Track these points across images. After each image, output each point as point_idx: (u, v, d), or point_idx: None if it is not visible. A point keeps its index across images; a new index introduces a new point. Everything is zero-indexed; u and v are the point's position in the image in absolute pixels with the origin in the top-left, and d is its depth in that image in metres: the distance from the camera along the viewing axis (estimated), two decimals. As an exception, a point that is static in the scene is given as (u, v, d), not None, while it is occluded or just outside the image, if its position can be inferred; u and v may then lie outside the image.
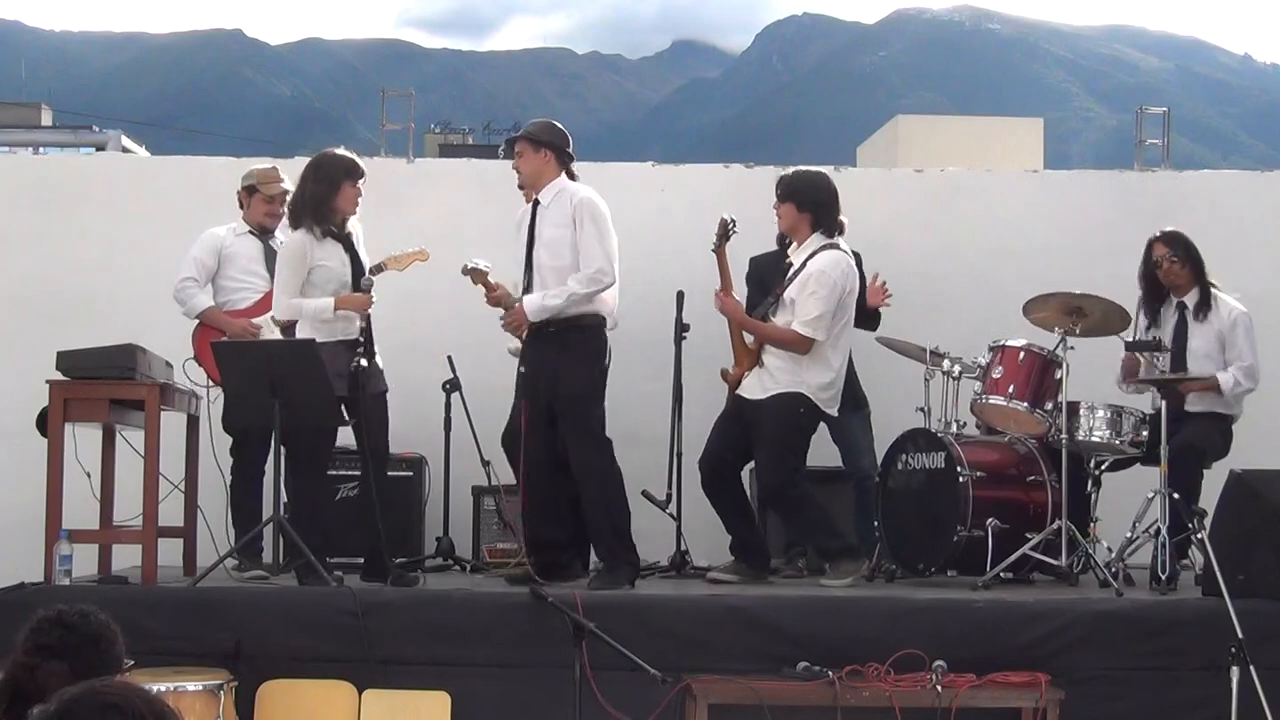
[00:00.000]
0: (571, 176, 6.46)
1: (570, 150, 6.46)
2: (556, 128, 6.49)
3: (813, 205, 6.59)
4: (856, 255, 7.30)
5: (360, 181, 6.31)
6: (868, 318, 7.25)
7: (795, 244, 6.65)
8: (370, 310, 6.25)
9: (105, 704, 2.38)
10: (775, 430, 6.46)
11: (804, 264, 6.51)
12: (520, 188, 6.47)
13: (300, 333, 6.32)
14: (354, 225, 6.38)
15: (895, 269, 7.69)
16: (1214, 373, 6.72)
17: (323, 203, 6.25)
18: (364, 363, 6.14)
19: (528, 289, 6.35)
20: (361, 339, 6.21)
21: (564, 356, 6.28)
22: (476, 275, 6.65)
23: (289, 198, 6.58)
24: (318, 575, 5.93)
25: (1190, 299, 6.88)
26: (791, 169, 6.83)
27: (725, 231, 6.57)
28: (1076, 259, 7.95)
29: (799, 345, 6.44)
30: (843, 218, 6.65)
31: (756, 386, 6.52)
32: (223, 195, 7.29)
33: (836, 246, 6.56)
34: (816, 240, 6.56)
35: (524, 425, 6.36)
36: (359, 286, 6.23)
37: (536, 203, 6.39)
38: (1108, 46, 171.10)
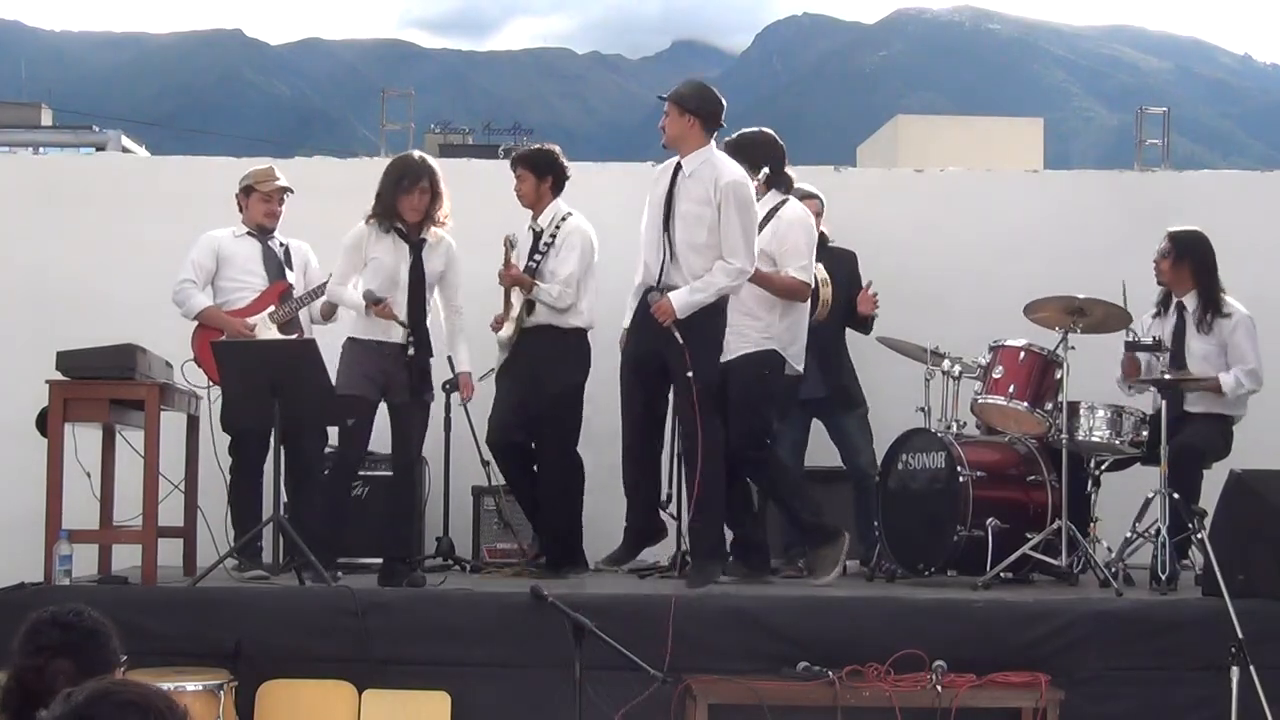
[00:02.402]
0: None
1: (721, 119, 6.29)
2: (708, 92, 6.28)
3: (764, 161, 6.57)
4: (853, 255, 7.33)
5: (414, 189, 6.28)
6: (859, 322, 7.25)
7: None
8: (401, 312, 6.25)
9: (124, 702, 2.40)
10: (743, 394, 6.41)
11: (767, 217, 6.49)
12: (664, 146, 6.32)
13: (356, 326, 6.39)
14: (442, 233, 6.43)
15: (895, 269, 7.70)
16: (1215, 374, 6.72)
17: (386, 201, 6.31)
18: (410, 351, 6.22)
19: (669, 258, 6.19)
20: (411, 342, 6.23)
21: (689, 343, 6.08)
22: (509, 247, 6.66)
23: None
24: (318, 575, 5.93)
25: (1189, 301, 6.87)
26: (737, 133, 6.75)
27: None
28: (1076, 259, 7.94)
29: (800, 291, 6.48)
30: (789, 171, 6.70)
31: (726, 348, 6.40)
32: (223, 195, 7.29)
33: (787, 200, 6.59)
34: (774, 196, 6.58)
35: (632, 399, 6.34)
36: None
37: (679, 168, 6.24)
38: (1108, 46, 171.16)
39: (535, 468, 6.79)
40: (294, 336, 6.82)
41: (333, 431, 6.75)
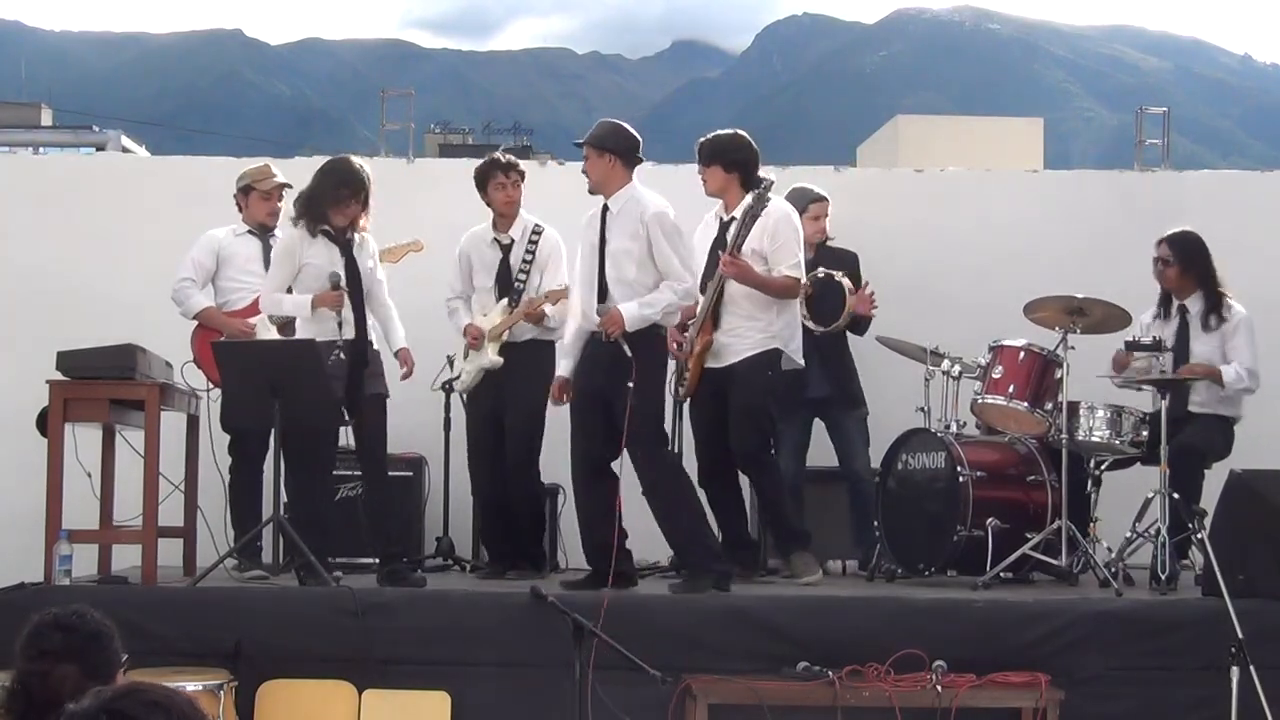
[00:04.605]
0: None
1: (639, 153, 6.29)
2: (622, 130, 6.30)
3: (739, 165, 6.56)
4: (854, 255, 7.33)
5: (353, 201, 6.23)
6: (856, 323, 7.25)
7: (726, 204, 6.60)
8: (346, 309, 6.19)
9: (150, 700, 2.44)
10: (747, 396, 6.41)
11: (754, 217, 6.40)
12: (591, 193, 6.31)
13: (297, 332, 6.34)
14: (365, 236, 6.38)
15: (895, 269, 7.70)
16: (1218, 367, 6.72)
17: (318, 204, 6.26)
18: (342, 355, 6.13)
19: (600, 297, 6.16)
20: (342, 340, 6.17)
21: (636, 357, 6.01)
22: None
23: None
24: (318, 575, 5.93)
25: (1193, 304, 6.86)
26: (711, 134, 6.73)
27: None
28: (1076, 259, 7.95)
29: (792, 289, 6.48)
30: (762, 174, 6.60)
31: (725, 352, 6.44)
32: (223, 195, 7.29)
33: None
34: (752, 198, 6.47)
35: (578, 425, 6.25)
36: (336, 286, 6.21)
37: (606, 208, 6.24)
38: (1108, 46, 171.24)
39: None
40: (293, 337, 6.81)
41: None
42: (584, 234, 6.34)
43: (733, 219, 6.53)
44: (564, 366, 6.46)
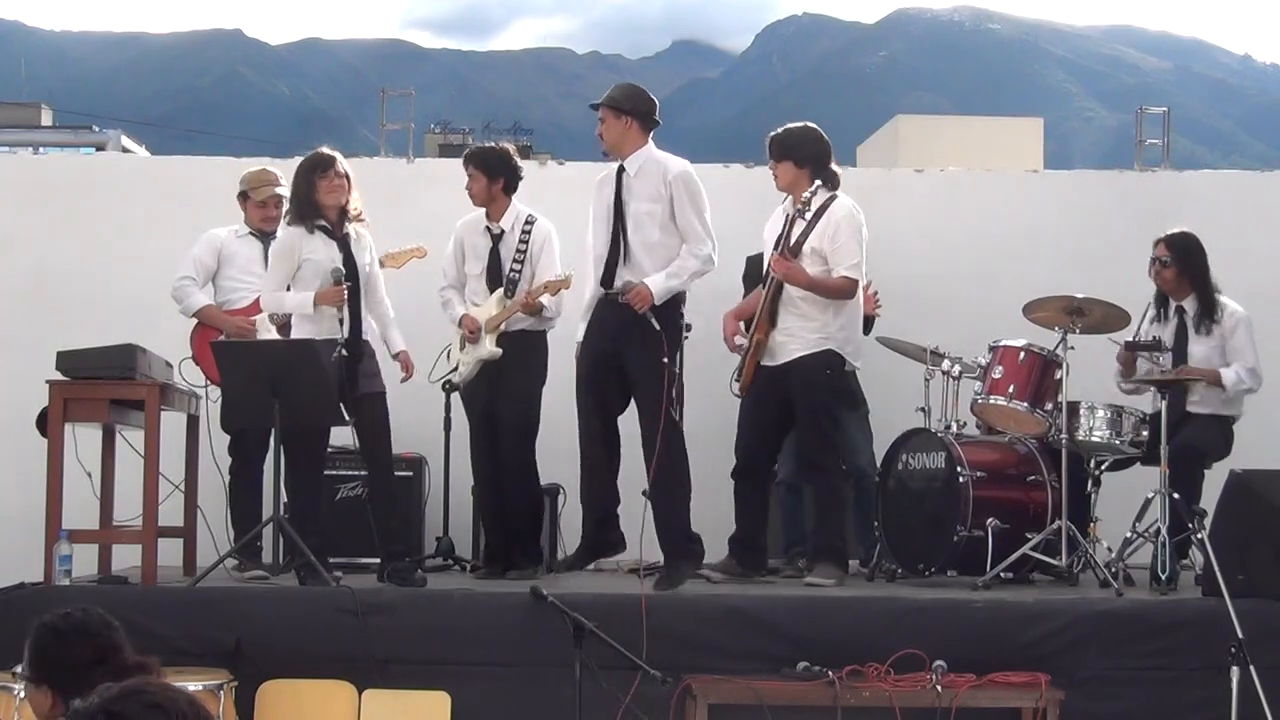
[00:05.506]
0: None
1: (656, 116, 6.31)
2: (639, 92, 6.32)
3: (811, 159, 6.52)
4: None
5: (329, 171, 6.24)
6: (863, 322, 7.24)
7: (794, 199, 6.51)
8: (344, 307, 6.18)
9: (150, 703, 2.40)
10: (807, 397, 6.39)
11: (817, 214, 6.40)
12: (605, 154, 6.33)
13: (295, 330, 6.33)
14: (361, 229, 6.38)
15: (895, 269, 7.69)
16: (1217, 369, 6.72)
17: (304, 199, 6.27)
18: (344, 351, 6.11)
19: (612, 261, 6.19)
20: (343, 337, 6.15)
21: (647, 340, 6.07)
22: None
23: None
24: (318, 575, 5.93)
25: (1189, 305, 6.87)
26: (781, 129, 6.69)
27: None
28: (1076, 259, 7.95)
29: (848, 290, 6.41)
30: (835, 167, 6.58)
31: (779, 351, 6.43)
32: (223, 195, 7.30)
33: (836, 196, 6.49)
34: (822, 193, 6.46)
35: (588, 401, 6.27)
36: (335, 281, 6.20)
37: (622, 169, 6.25)
38: (1108, 46, 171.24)
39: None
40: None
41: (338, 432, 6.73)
42: (597, 196, 6.33)
43: (796, 216, 6.48)
44: (582, 330, 6.48)
